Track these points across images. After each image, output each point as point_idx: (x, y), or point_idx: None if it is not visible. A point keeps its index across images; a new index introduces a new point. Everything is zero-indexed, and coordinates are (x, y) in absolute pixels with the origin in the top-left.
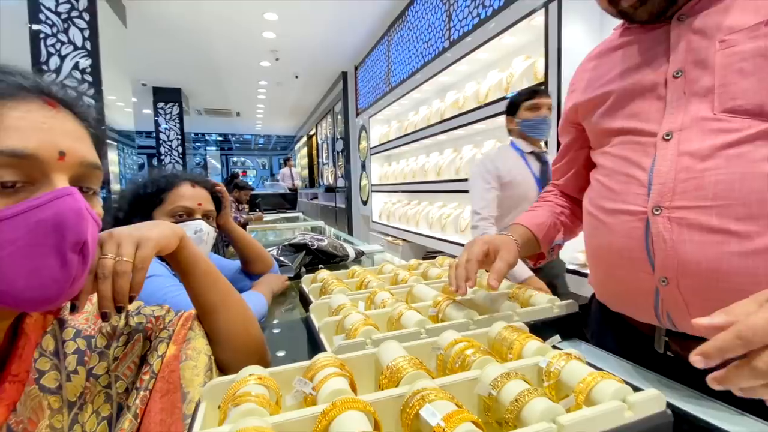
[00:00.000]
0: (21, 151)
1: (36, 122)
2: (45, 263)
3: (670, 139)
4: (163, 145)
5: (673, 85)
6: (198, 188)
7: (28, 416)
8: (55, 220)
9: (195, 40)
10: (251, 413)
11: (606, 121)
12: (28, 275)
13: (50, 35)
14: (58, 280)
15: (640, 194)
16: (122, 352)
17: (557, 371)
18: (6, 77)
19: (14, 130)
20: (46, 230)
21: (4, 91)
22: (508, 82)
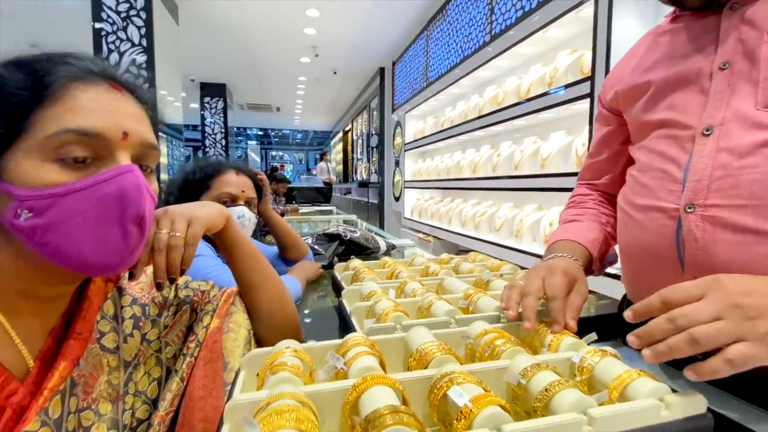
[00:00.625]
0: (90, 130)
1: (103, 104)
2: (108, 233)
3: (709, 134)
4: (208, 138)
5: (719, 77)
6: (242, 176)
7: (89, 371)
8: (118, 194)
9: (240, 36)
10: (287, 381)
11: (646, 113)
12: (94, 243)
13: (110, 33)
14: (120, 250)
15: (674, 191)
16: (171, 321)
17: (591, 366)
18: (78, 62)
19: (85, 110)
20: (111, 203)
21: (76, 75)
22: (551, 77)
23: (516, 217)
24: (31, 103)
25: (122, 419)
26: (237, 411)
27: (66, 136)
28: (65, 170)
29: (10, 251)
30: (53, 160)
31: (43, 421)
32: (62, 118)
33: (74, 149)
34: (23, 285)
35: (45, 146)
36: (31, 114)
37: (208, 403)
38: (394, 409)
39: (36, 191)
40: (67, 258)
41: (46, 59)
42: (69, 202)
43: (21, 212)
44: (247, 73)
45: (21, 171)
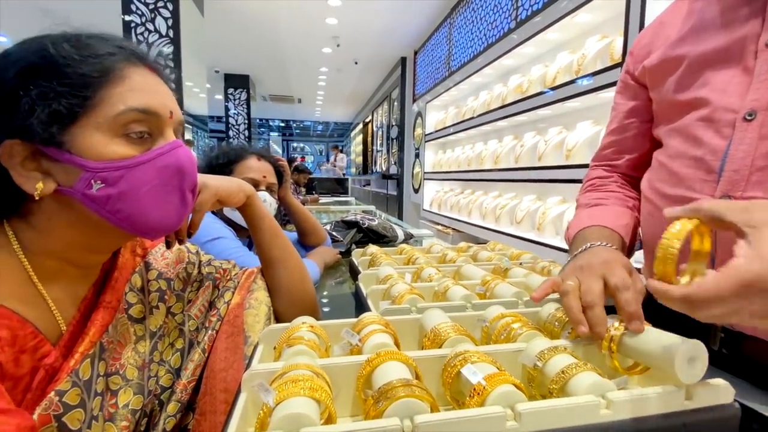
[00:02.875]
0: (150, 109)
1: (152, 86)
2: (171, 199)
3: (752, 119)
4: (232, 128)
5: (765, 55)
6: (263, 162)
7: (117, 339)
8: (177, 166)
9: (263, 27)
10: (303, 353)
11: (678, 92)
12: (160, 209)
13: (139, 24)
14: (180, 213)
15: (709, 181)
16: (195, 296)
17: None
18: (127, 43)
19: (142, 91)
20: (171, 173)
21: (128, 57)
22: (579, 64)
23: (539, 210)
24: (98, 82)
25: (147, 385)
26: (254, 380)
27: (132, 114)
28: (131, 145)
29: (64, 219)
30: (120, 135)
31: (74, 382)
32: (126, 98)
33: (137, 126)
34: (69, 251)
35: (113, 123)
36: (96, 93)
37: (229, 375)
38: (407, 382)
39: (108, 164)
40: (137, 223)
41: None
42: (137, 173)
43: (94, 183)
44: (270, 64)
45: (91, 146)
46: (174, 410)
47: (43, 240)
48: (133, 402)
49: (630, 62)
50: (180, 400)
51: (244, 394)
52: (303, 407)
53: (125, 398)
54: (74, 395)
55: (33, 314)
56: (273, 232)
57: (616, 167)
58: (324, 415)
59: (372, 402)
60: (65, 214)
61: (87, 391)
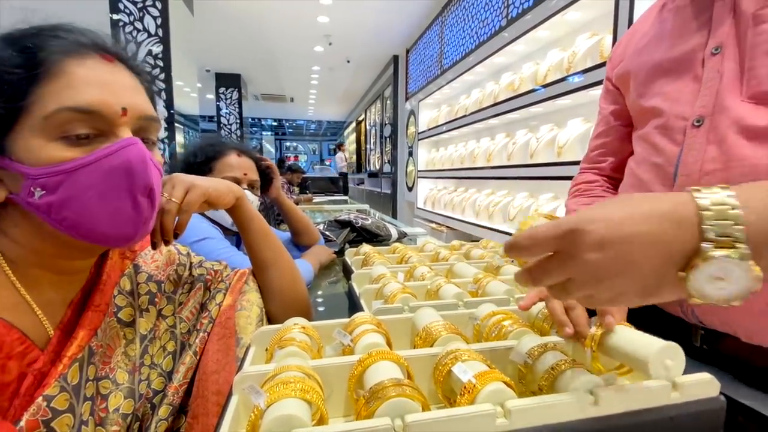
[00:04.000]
0: (88, 108)
1: (100, 79)
2: (121, 205)
3: (700, 125)
4: (224, 128)
5: (711, 63)
6: (243, 157)
7: (107, 342)
8: (125, 167)
9: (254, 25)
10: (294, 355)
11: (640, 98)
12: (108, 215)
13: (128, 23)
14: (133, 220)
15: (666, 186)
16: (186, 298)
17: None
18: (68, 35)
19: (83, 87)
20: (119, 176)
21: (68, 48)
22: (569, 62)
23: (531, 207)
24: (28, 81)
25: (138, 389)
26: (245, 382)
27: (65, 114)
28: (70, 147)
29: (28, 227)
30: (57, 137)
31: (62, 387)
32: (60, 96)
33: (76, 126)
34: (41, 259)
35: (46, 125)
36: (28, 93)
37: (221, 377)
38: (398, 382)
39: (46, 169)
40: (84, 231)
41: (37, 33)
42: (78, 178)
43: (34, 190)
44: (262, 62)
45: (28, 150)
46: (166, 414)
47: (15, 248)
48: (123, 406)
49: (609, 68)
50: (172, 404)
51: (236, 397)
52: (294, 409)
53: (116, 402)
54: (63, 400)
55: (19, 320)
56: (263, 234)
57: (602, 170)
58: (315, 417)
59: (363, 402)
60: (27, 222)
61: (76, 396)
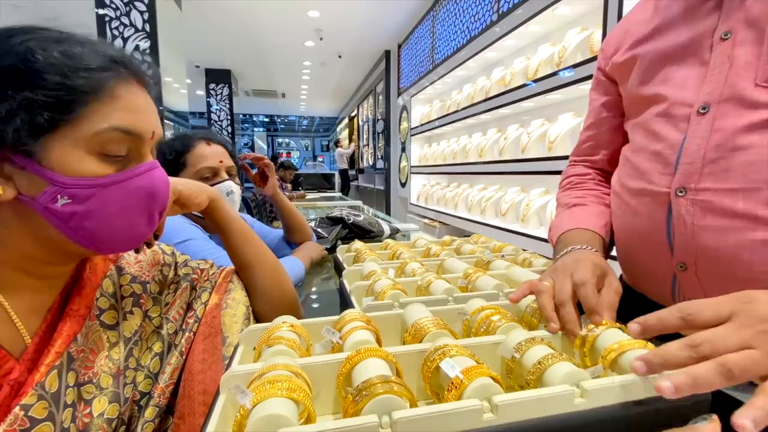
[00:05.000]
0: (133, 130)
1: (140, 105)
2: (138, 221)
3: (705, 112)
4: (215, 125)
5: (719, 48)
6: (214, 145)
7: (89, 347)
8: (150, 189)
9: (244, 20)
10: (282, 353)
11: (640, 86)
12: (127, 229)
13: (114, 18)
14: (144, 234)
15: (666, 174)
16: (172, 299)
17: (593, 336)
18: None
19: (128, 110)
20: (142, 195)
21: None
22: (560, 56)
23: (522, 202)
24: (85, 98)
25: (123, 393)
26: (231, 382)
27: (114, 133)
28: (105, 163)
29: (21, 229)
30: (95, 153)
31: (40, 395)
32: (111, 116)
33: (116, 146)
34: (25, 263)
35: (92, 140)
36: (77, 107)
37: (207, 376)
38: (385, 379)
39: (80, 180)
40: (99, 241)
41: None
42: (109, 193)
43: (60, 198)
44: (252, 58)
45: (65, 160)
46: (152, 415)
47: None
48: (108, 411)
49: (601, 59)
50: (158, 405)
51: (223, 396)
52: (280, 408)
53: (100, 407)
54: (41, 408)
55: None
56: (244, 236)
57: (593, 162)
58: (303, 416)
59: (351, 400)
60: (22, 224)
61: (55, 404)
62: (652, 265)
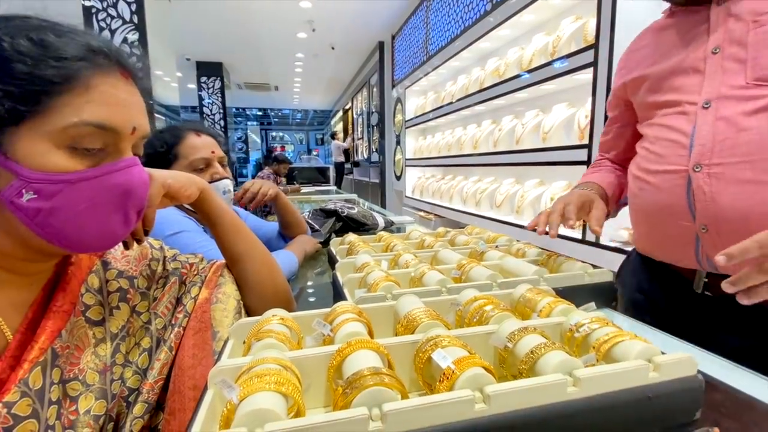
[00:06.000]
0: (108, 125)
1: (119, 98)
2: (111, 219)
3: (708, 107)
4: (207, 119)
5: (712, 60)
6: (203, 136)
7: (75, 343)
8: (126, 186)
9: (235, 11)
10: (272, 347)
11: (651, 95)
12: (97, 228)
13: (101, 10)
14: (119, 234)
15: (683, 155)
16: (161, 293)
17: (586, 332)
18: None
19: (104, 104)
20: (117, 193)
21: (96, 64)
22: (554, 46)
23: (517, 193)
24: (55, 89)
25: (111, 389)
26: (219, 376)
27: (85, 128)
28: (75, 158)
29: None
30: (65, 147)
31: (23, 392)
32: (82, 109)
33: (89, 140)
34: (4, 260)
35: (61, 134)
36: (46, 99)
37: (198, 372)
38: (376, 371)
39: (45, 175)
40: (66, 240)
41: (76, 38)
42: (78, 190)
43: (25, 192)
44: (244, 50)
45: (30, 153)
46: (141, 411)
47: None
48: (95, 407)
49: (615, 80)
50: (147, 401)
51: (211, 391)
52: (268, 402)
53: (86, 404)
54: (24, 406)
55: None
56: (235, 228)
57: (608, 157)
58: (292, 409)
59: (341, 392)
60: None
61: (39, 401)
62: (677, 232)
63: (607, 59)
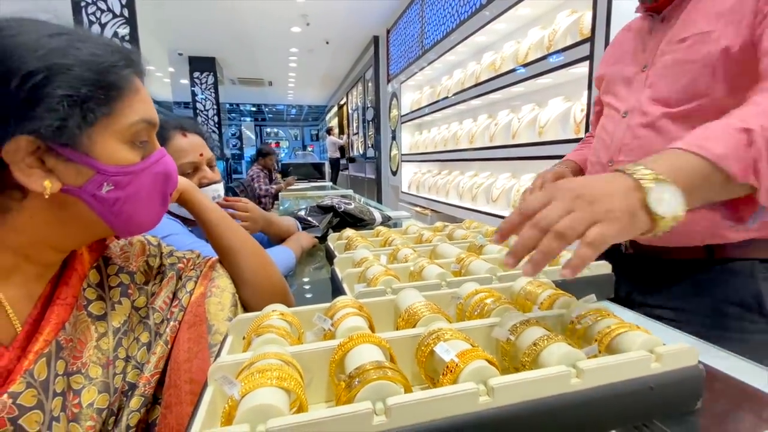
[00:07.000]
0: (154, 120)
1: (149, 96)
2: (155, 203)
3: (626, 116)
4: (200, 115)
5: (640, 76)
6: (191, 135)
7: (78, 337)
8: (165, 173)
9: (228, 5)
10: (272, 342)
11: (603, 95)
12: (151, 210)
13: (90, 3)
14: (159, 214)
15: (606, 152)
16: (158, 288)
17: (587, 324)
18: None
19: (146, 103)
20: (161, 179)
21: (136, 72)
22: (550, 39)
23: (513, 188)
24: (121, 93)
25: (113, 383)
26: (219, 372)
27: (142, 124)
28: (134, 151)
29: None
30: (128, 142)
31: (29, 383)
32: (139, 109)
33: (142, 134)
34: (30, 249)
35: (126, 131)
36: (119, 102)
37: (194, 365)
38: (378, 365)
39: (120, 168)
40: (131, 223)
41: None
42: (141, 178)
43: (106, 185)
44: (237, 45)
45: (105, 150)
46: (137, 405)
47: (7, 236)
48: (98, 401)
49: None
50: (143, 395)
51: (211, 388)
52: (270, 398)
53: (89, 397)
54: (30, 396)
55: None
56: (223, 223)
57: (590, 136)
58: (295, 405)
59: (344, 387)
60: (53, 212)
61: (44, 392)
62: None
63: (602, 53)
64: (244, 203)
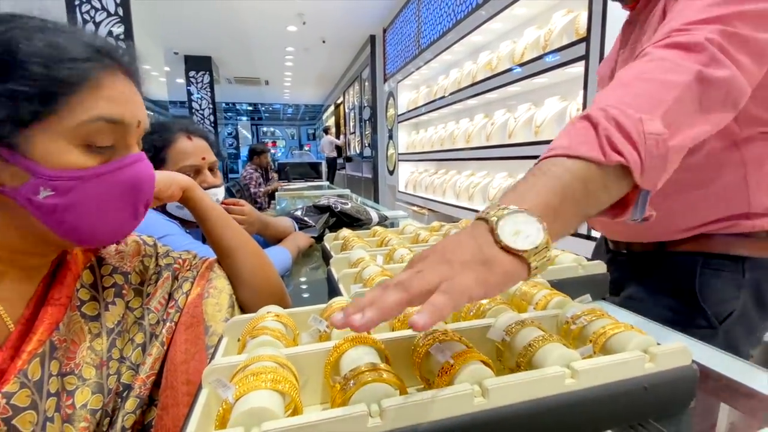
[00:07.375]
0: (118, 119)
1: (125, 94)
2: (122, 214)
3: None
4: (196, 114)
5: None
6: (196, 139)
7: (71, 338)
8: (134, 181)
9: (224, 4)
10: (267, 344)
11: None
12: (108, 222)
13: (84, 2)
14: (128, 228)
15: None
16: (154, 289)
17: (582, 324)
18: (103, 46)
19: (113, 100)
20: (128, 188)
21: (105, 64)
22: (546, 39)
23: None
24: (69, 89)
25: (107, 384)
26: (214, 375)
27: (98, 124)
28: (89, 155)
29: (5, 221)
30: (79, 144)
31: (22, 383)
32: (94, 106)
33: (102, 136)
34: (7, 254)
35: (76, 131)
36: (61, 98)
37: (191, 366)
38: (374, 367)
39: (62, 173)
40: (80, 234)
41: (78, 37)
42: (91, 186)
43: (42, 190)
44: (233, 44)
45: (48, 152)
46: (133, 406)
47: None
48: (92, 402)
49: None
50: (139, 396)
51: (205, 391)
52: (265, 401)
53: (83, 398)
54: (24, 396)
55: None
56: (223, 223)
57: None
58: (290, 407)
59: (339, 389)
60: (5, 215)
61: (38, 392)
62: None
63: (598, 52)
64: (241, 206)
